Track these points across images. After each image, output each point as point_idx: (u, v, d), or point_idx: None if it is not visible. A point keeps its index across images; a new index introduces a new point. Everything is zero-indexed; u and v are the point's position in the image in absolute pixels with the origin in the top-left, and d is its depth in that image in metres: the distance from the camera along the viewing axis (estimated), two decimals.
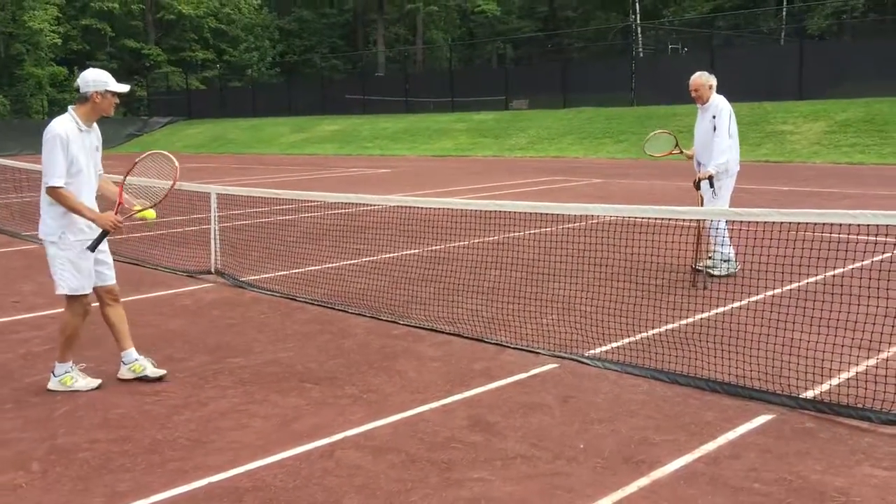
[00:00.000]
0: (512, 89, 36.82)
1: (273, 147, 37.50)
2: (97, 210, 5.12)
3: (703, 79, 7.97)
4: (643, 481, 3.75)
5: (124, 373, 5.32)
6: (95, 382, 5.17)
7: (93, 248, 5.02)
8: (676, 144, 8.56)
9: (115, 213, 5.02)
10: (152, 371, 5.34)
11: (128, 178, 5.24)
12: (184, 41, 55.14)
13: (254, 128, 42.22)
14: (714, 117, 7.81)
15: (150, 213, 5.24)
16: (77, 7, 49.98)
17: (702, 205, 7.67)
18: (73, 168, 4.98)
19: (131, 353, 5.34)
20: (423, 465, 3.96)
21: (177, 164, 5.28)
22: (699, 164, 8.09)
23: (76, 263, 5.05)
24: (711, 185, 7.69)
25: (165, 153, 5.38)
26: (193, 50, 55.05)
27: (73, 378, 5.13)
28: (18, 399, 5.00)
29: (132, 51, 52.77)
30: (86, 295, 5.14)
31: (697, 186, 7.74)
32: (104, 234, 5.01)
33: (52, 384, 5.13)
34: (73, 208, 4.96)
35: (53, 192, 4.93)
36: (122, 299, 5.48)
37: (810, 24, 38.83)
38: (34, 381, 5.31)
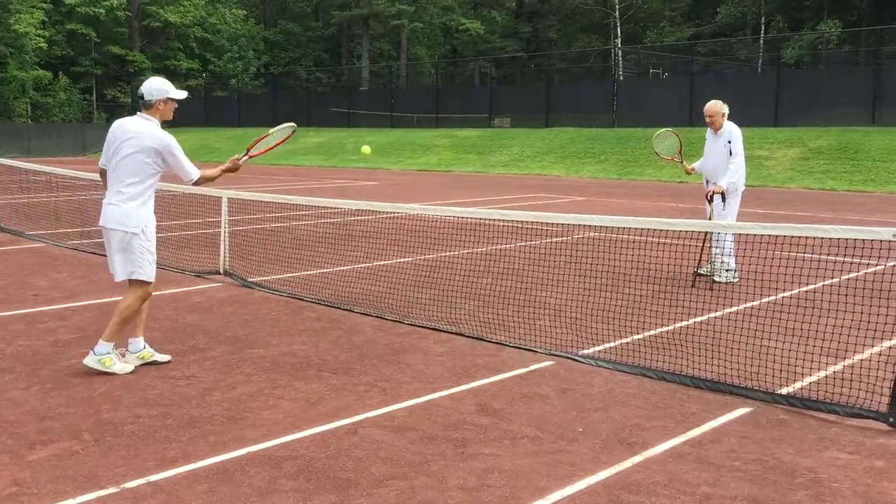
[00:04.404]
0: (495, 107, 37.52)
1: (258, 157, 37.79)
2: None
3: (717, 107, 8.74)
4: (637, 458, 4.23)
5: (131, 360, 5.68)
6: (130, 367, 5.55)
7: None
8: (679, 151, 9.22)
9: (242, 155, 6.04)
10: (160, 356, 5.79)
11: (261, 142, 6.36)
12: (169, 49, 55.41)
13: (238, 137, 42.46)
14: (729, 142, 8.57)
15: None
16: (63, 12, 50.10)
17: (710, 218, 8.40)
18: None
19: (140, 341, 5.76)
20: (439, 441, 4.42)
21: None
22: (707, 182, 8.84)
23: (153, 253, 5.64)
24: (724, 200, 8.43)
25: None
26: (178, 59, 55.32)
27: (112, 360, 5.49)
28: (59, 380, 5.38)
29: (117, 57, 52.99)
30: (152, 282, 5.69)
31: (710, 200, 8.48)
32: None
33: (90, 361, 5.46)
34: (215, 176, 5.81)
35: (198, 183, 5.74)
36: None
37: (786, 54, 39.93)
38: (69, 365, 5.68)
